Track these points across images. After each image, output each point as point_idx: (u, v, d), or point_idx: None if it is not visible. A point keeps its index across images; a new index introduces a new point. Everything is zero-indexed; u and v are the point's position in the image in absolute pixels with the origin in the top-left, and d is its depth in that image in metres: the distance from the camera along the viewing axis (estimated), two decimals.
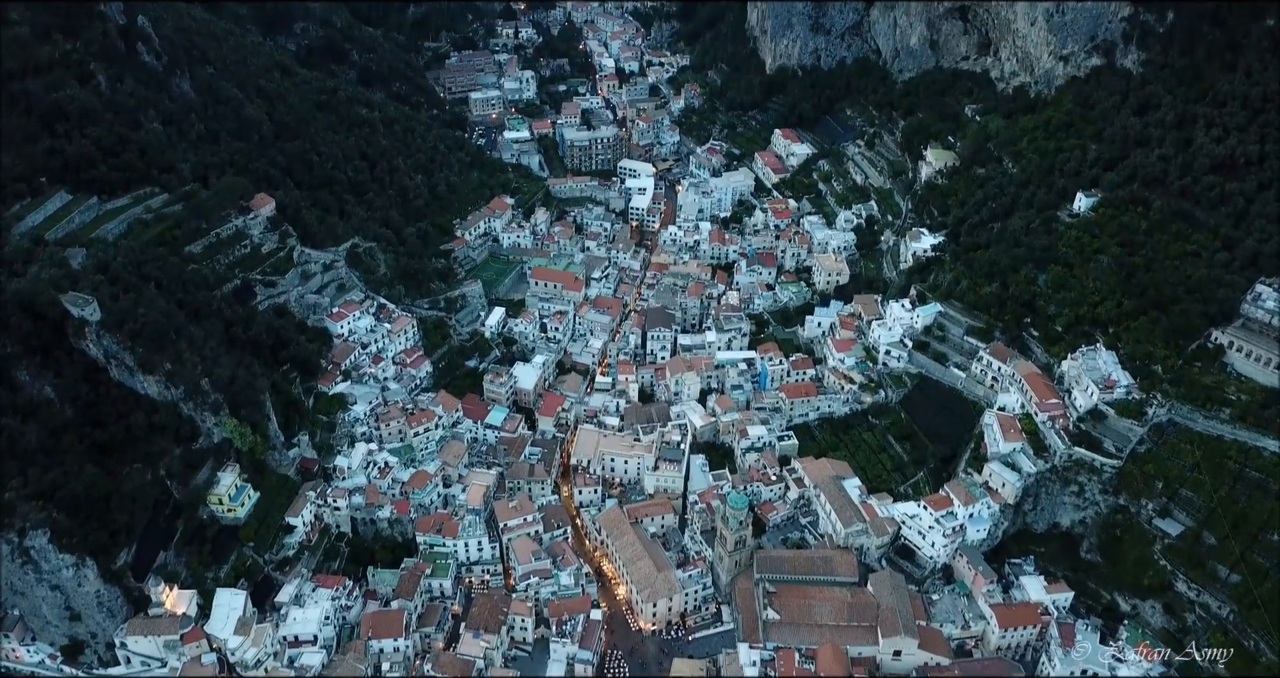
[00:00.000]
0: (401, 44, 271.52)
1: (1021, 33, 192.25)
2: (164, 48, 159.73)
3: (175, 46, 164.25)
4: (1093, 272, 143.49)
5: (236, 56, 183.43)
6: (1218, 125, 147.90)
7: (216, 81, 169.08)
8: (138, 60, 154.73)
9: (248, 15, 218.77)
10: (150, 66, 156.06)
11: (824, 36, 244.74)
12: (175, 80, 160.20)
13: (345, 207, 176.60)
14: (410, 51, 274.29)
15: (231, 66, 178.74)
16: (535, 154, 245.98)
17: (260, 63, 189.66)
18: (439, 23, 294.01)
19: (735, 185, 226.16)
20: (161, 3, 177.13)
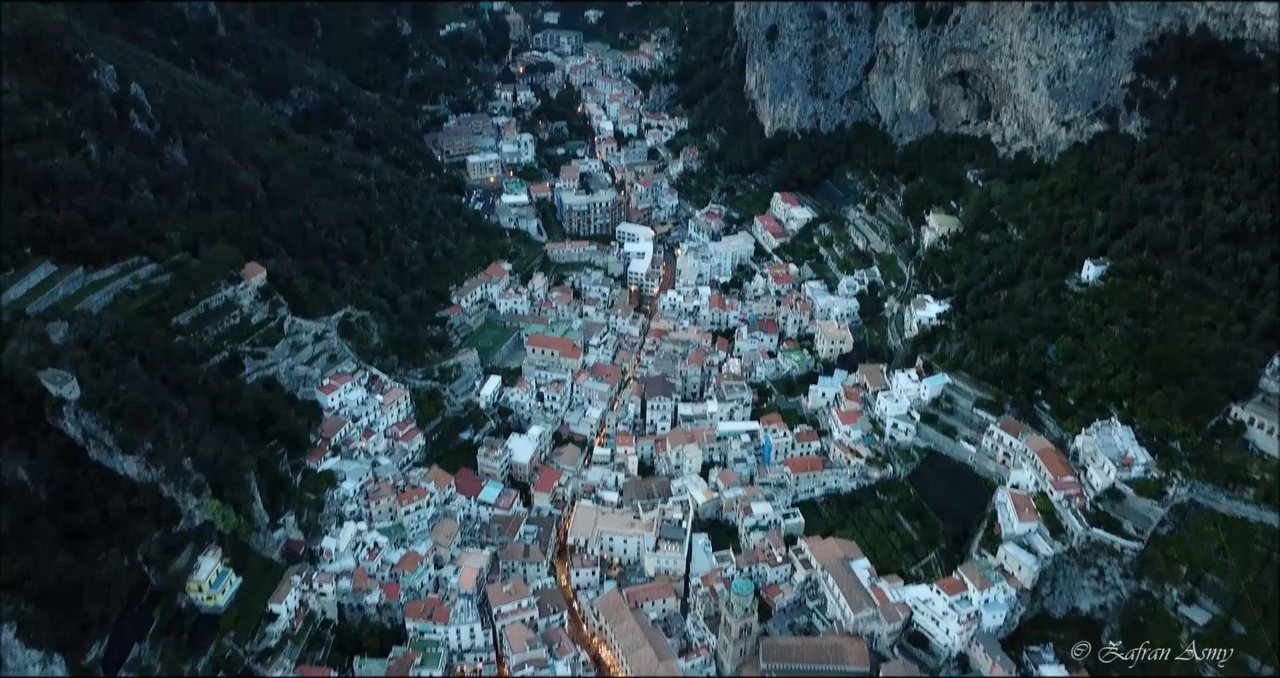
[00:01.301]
0: (399, 108, 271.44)
1: (1022, 98, 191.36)
2: (157, 115, 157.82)
3: (169, 114, 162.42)
4: (1104, 343, 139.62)
5: (231, 123, 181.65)
6: (1227, 193, 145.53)
7: (210, 148, 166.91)
8: (130, 128, 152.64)
9: (245, 81, 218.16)
10: (143, 134, 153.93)
11: (823, 100, 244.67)
12: (168, 148, 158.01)
13: (339, 274, 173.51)
14: (408, 115, 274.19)
15: (226, 133, 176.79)
16: (533, 218, 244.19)
17: (256, 129, 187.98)
18: (437, 86, 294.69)
19: (735, 250, 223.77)
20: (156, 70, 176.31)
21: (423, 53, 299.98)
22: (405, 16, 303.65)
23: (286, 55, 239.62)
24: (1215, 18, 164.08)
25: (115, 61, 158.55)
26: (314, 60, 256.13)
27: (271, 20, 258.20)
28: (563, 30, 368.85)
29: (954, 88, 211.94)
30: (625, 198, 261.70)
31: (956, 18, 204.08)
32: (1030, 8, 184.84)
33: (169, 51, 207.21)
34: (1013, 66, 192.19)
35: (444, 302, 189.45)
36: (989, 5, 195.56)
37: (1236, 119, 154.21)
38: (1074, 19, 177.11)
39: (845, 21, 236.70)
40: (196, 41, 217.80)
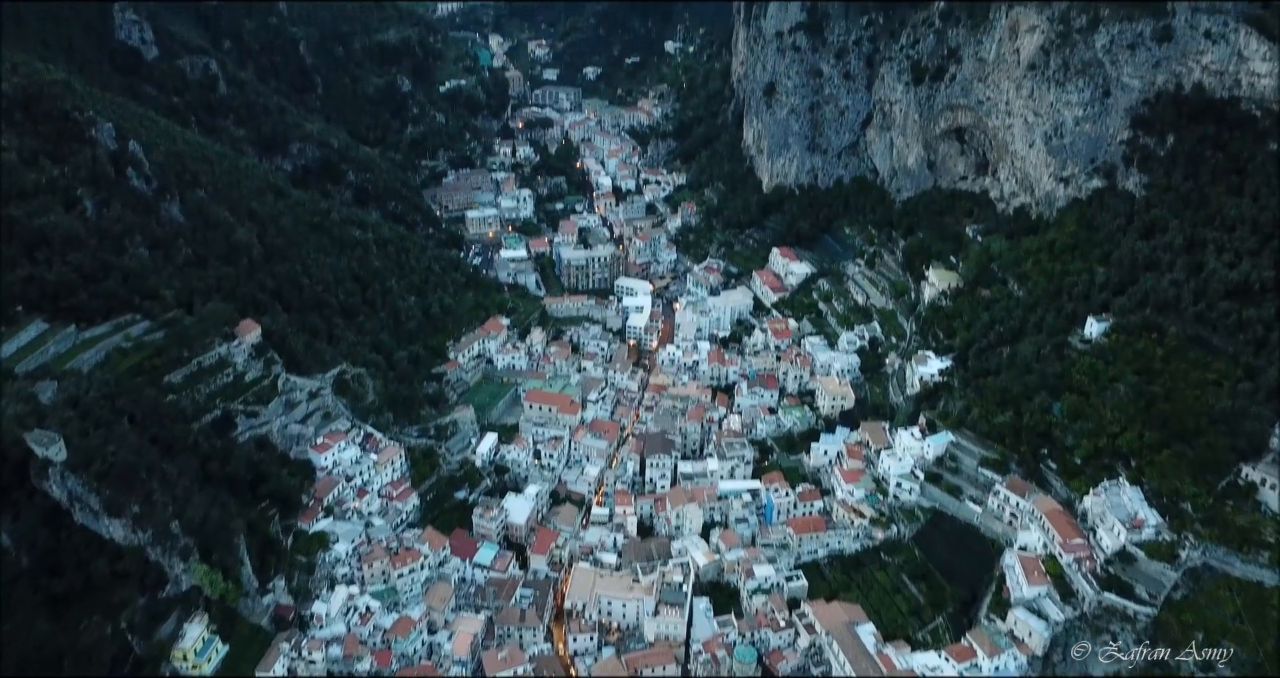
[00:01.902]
0: (399, 163, 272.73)
1: (1020, 155, 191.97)
2: (155, 172, 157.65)
3: (167, 170, 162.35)
4: (1110, 401, 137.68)
5: (230, 179, 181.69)
6: (1229, 250, 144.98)
7: (207, 205, 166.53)
8: (127, 185, 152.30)
9: (245, 137, 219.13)
10: (139, 191, 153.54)
11: (820, 156, 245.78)
12: (165, 204, 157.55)
13: (334, 330, 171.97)
14: (407, 170, 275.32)
15: (224, 189, 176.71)
16: (532, 273, 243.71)
17: (254, 185, 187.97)
18: (437, 142, 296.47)
19: (734, 304, 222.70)
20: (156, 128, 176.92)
21: (422, 109, 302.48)
22: (405, 73, 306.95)
23: (286, 112, 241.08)
24: (1210, 76, 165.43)
25: (114, 119, 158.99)
26: (314, 116, 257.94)
27: (273, 77, 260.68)
28: (561, 87, 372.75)
29: (951, 144, 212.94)
30: (624, 252, 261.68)
31: (952, 75, 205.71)
32: (1026, 66, 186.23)
33: (170, 109, 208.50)
34: (1009, 123, 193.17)
35: (441, 357, 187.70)
36: (985, 63, 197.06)
37: (1235, 176, 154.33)
38: (1069, 77, 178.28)
39: (842, 79, 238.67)
40: (197, 99, 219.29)
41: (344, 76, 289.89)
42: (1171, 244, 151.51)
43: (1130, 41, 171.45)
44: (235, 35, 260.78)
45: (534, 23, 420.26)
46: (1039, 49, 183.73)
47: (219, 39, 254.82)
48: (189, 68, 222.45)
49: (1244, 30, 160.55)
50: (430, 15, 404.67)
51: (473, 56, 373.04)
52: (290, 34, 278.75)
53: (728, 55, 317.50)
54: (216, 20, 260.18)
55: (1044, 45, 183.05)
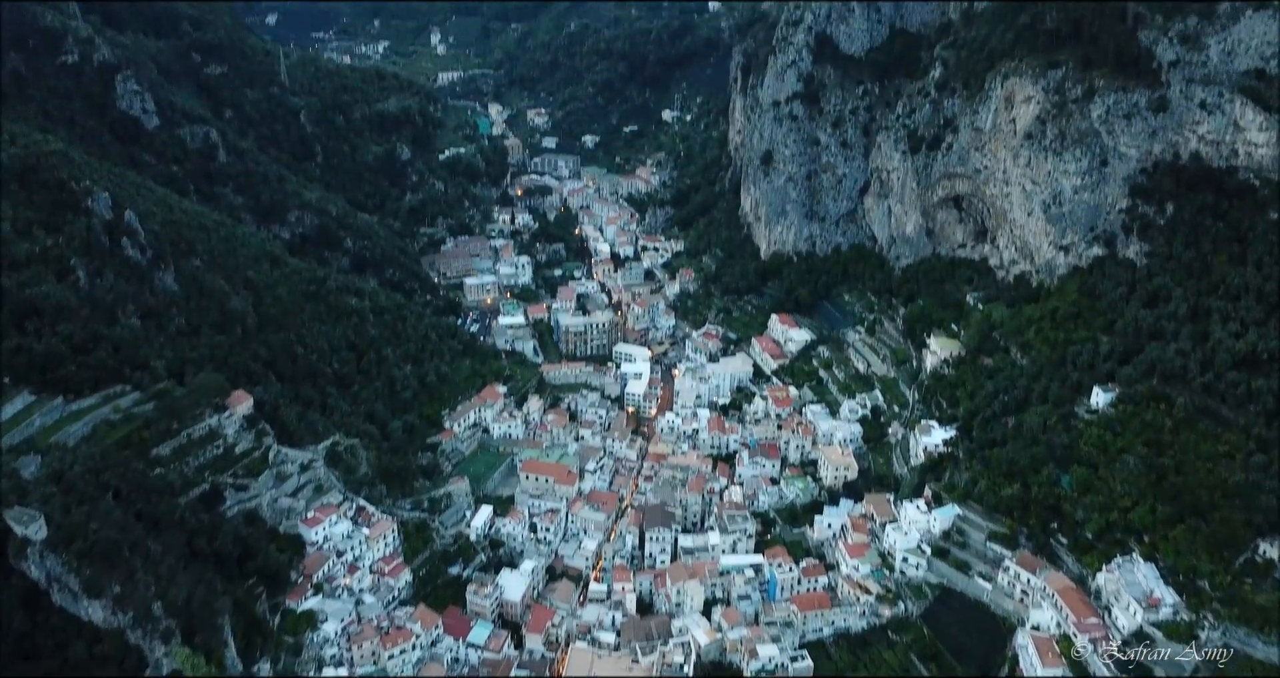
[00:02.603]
0: (397, 231, 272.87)
1: (1018, 223, 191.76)
2: (150, 241, 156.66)
3: (162, 240, 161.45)
4: (1120, 474, 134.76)
5: (226, 248, 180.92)
6: (1234, 320, 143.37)
7: (202, 274, 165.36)
8: (121, 254, 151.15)
9: (243, 206, 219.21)
10: (133, 260, 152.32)
11: (819, 223, 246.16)
12: (159, 274, 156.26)
13: (328, 400, 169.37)
14: (406, 238, 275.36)
15: (220, 258, 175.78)
16: (530, 339, 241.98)
17: (250, 253, 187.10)
18: (436, 209, 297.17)
19: (733, 371, 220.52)
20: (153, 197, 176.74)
21: (421, 177, 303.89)
22: (405, 142, 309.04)
23: (286, 180, 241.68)
24: (1207, 146, 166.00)
25: (111, 188, 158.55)
26: (313, 185, 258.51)
27: (273, 146, 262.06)
28: (560, 155, 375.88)
29: (949, 211, 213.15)
30: (622, 318, 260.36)
31: (949, 145, 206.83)
32: (1023, 135, 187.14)
33: (169, 178, 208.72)
34: (1007, 192, 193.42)
35: (436, 427, 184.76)
36: (981, 133, 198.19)
37: (1237, 245, 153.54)
38: (1067, 146, 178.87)
39: (839, 147, 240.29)
40: (197, 168, 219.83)
41: (344, 145, 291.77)
42: (1176, 313, 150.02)
43: (1126, 112, 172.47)
44: (237, 105, 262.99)
45: (533, 92, 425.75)
46: (1035, 119, 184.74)
47: (220, 108, 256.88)
48: (189, 137, 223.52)
49: (1239, 101, 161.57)
50: (430, 85, 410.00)
51: (472, 125, 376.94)
52: (291, 104, 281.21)
53: (725, 124, 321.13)
54: (218, 90, 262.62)
55: (1040, 115, 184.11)
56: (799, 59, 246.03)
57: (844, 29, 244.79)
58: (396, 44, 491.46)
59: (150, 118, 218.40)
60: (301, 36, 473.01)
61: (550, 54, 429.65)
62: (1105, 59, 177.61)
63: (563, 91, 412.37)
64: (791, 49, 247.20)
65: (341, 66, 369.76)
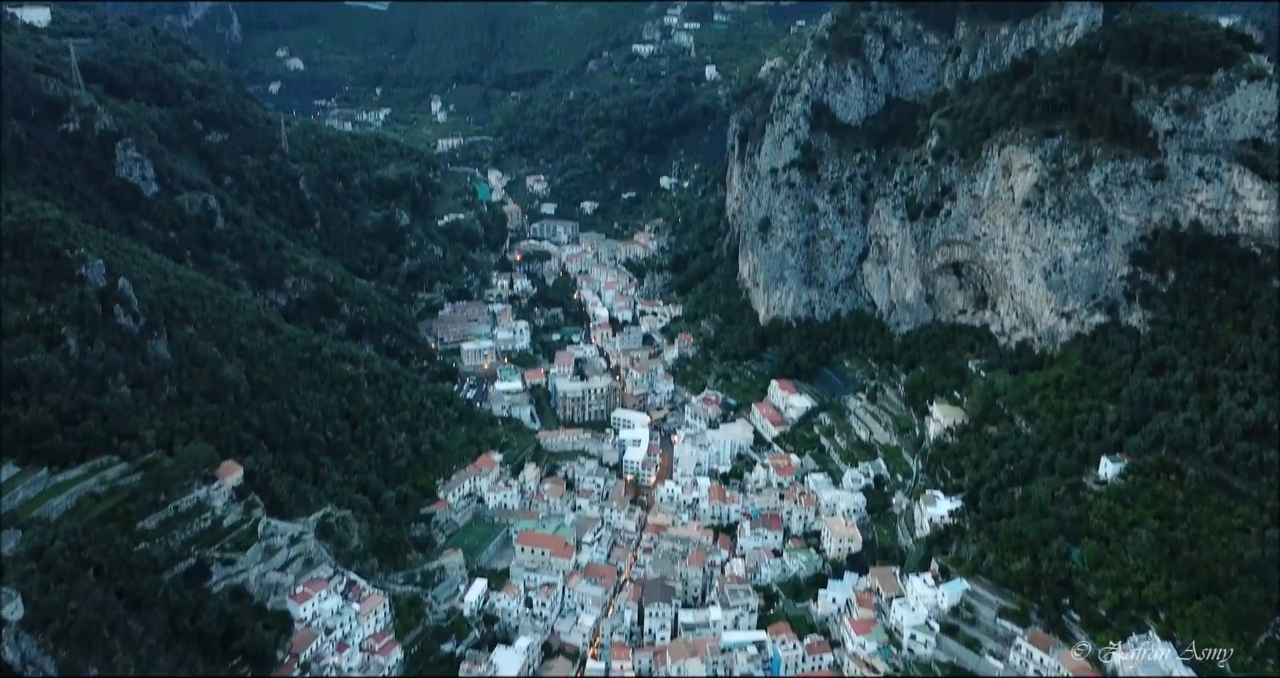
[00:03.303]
0: (395, 296, 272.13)
1: (1019, 289, 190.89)
2: (143, 309, 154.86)
3: (155, 307, 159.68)
4: (1132, 547, 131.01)
5: (220, 315, 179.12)
6: (1242, 389, 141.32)
7: (195, 342, 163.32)
8: (113, 322, 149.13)
9: (240, 272, 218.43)
10: (126, 328, 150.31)
11: (817, 289, 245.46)
12: (151, 342, 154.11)
13: (321, 470, 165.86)
14: (403, 303, 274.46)
15: (213, 325, 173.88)
16: (527, 405, 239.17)
17: (245, 320, 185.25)
18: (434, 275, 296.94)
19: (734, 438, 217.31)
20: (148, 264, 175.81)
21: (420, 242, 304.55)
22: (404, 208, 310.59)
23: (283, 246, 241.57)
24: (1207, 213, 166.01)
25: (105, 256, 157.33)
26: (311, 250, 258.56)
27: (271, 212, 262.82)
28: (559, 220, 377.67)
29: (949, 278, 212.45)
30: (620, 383, 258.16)
31: (947, 212, 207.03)
32: (1021, 203, 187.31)
33: (166, 244, 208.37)
34: (1007, 259, 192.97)
35: (430, 497, 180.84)
36: (979, 200, 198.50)
37: (1241, 313, 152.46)
38: (1066, 214, 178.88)
39: (837, 214, 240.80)
40: (194, 234, 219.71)
41: (343, 211, 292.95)
42: (1182, 382, 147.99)
43: (1124, 180, 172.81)
44: (236, 172, 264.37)
45: (532, 159, 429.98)
46: (1033, 186, 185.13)
47: (220, 175, 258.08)
48: (188, 203, 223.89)
49: (1237, 169, 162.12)
50: (430, 152, 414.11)
51: (472, 191, 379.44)
52: (291, 171, 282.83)
53: (722, 190, 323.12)
54: (219, 157, 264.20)
55: (1038, 183, 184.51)
56: (796, 127, 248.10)
57: (840, 98, 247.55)
58: (398, 111, 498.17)
59: (149, 184, 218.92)
60: (304, 104, 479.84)
61: (549, 122, 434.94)
62: (1101, 128, 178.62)
63: (562, 158, 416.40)
64: (788, 117, 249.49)
65: (342, 134, 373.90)
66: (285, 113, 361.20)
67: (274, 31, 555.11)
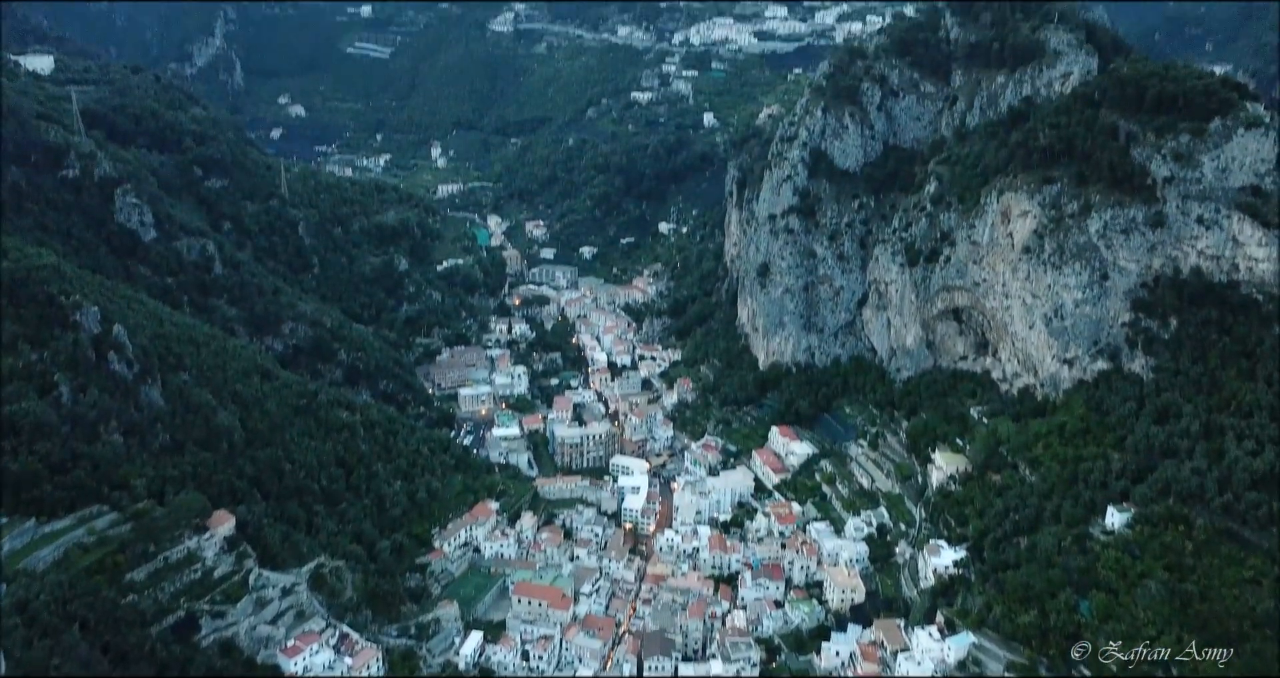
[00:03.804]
0: (392, 341, 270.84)
1: (1020, 336, 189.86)
2: (137, 355, 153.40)
3: (150, 354, 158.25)
4: (1142, 600, 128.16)
5: (216, 361, 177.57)
6: (1249, 437, 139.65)
7: (189, 388, 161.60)
8: (107, 369, 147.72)
9: (236, 317, 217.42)
10: (119, 375, 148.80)
11: (817, 335, 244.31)
12: (145, 388, 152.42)
13: (315, 519, 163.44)
14: (401, 348, 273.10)
15: (208, 372, 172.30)
16: (524, 452, 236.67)
17: (240, 366, 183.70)
18: (432, 320, 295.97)
19: (734, 485, 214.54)
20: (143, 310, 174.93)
21: (419, 288, 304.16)
22: (403, 253, 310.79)
23: (280, 292, 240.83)
24: (1207, 260, 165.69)
25: (100, 302, 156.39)
26: (309, 296, 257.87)
27: (270, 258, 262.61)
28: (558, 265, 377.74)
29: (949, 324, 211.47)
30: (619, 429, 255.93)
31: (947, 258, 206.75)
32: (1021, 249, 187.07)
33: (163, 290, 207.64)
34: (1008, 305, 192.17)
35: (426, 546, 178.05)
36: (979, 246, 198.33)
37: (1245, 360, 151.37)
38: (1066, 260, 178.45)
39: (836, 260, 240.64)
40: (191, 280, 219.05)
41: (341, 257, 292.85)
42: (1188, 430, 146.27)
43: (1124, 226, 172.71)
44: (235, 217, 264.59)
45: (532, 204, 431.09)
46: (1033, 233, 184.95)
47: (219, 221, 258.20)
48: (186, 249, 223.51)
49: (1236, 216, 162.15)
50: (430, 197, 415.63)
51: (471, 237, 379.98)
52: (290, 216, 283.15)
53: (720, 236, 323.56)
54: (218, 203, 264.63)
55: (1037, 229, 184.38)
56: (794, 173, 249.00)
57: (838, 145, 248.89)
58: (398, 157, 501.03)
59: (148, 230, 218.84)
60: (305, 150, 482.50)
61: (549, 168, 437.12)
62: (1100, 175, 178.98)
63: (561, 204, 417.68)
64: (786, 164, 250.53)
65: (342, 179, 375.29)
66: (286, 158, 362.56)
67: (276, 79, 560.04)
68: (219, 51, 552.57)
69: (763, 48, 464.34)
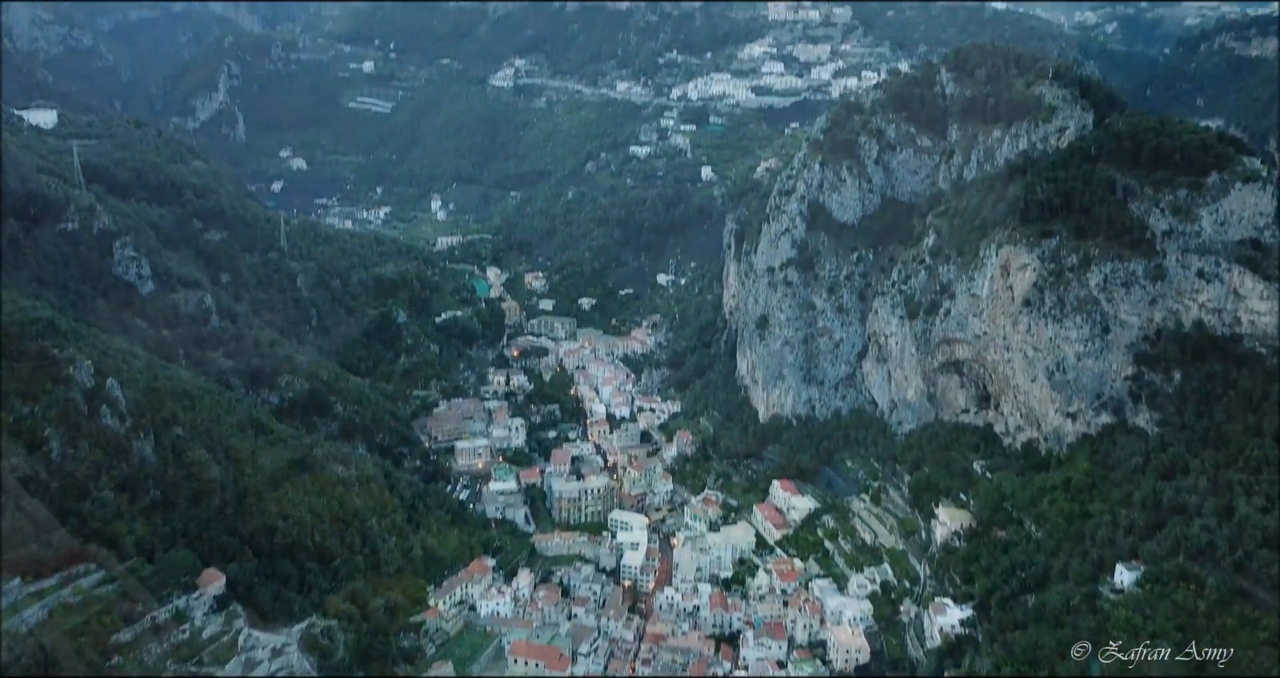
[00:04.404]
0: (389, 394, 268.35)
1: (1022, 389, 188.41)
2: (130, 410, 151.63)
3: (143, 408, 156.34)
4: (1155, 663, 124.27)
5: (210, 415, 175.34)
6: (1258, 493, 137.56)
7: (182, 443, 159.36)
8: (99, 424, 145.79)
9: (232, 370, 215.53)
10: (111, 430, 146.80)
11: (817, 387, 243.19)
12: (137, 443, 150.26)
13: (307, 577, 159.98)
14: (398, 400, 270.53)
15: (202, 426, 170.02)
16: (521, 507, 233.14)
17: (234, 420, 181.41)
18: (430, 372, 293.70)
19: (735, 541, 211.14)
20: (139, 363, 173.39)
21: (417, 339, 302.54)
22: (401, 305, 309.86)
23: (277, 344, 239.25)
24: (1209, 313, 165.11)
25: (94, 356, 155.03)
26: (306, 348, 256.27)
27: (267, 310, 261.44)
28: (557, 317, 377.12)
29: (950, 376, 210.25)
30: (618, 483, 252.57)
31: (947, 310, 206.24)
32: (1021, 302, 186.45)
33: (159, 342, 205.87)
34: (1009, 358, 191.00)
35: (420, 604, 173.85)
36: (979, 299, 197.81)
37: (1251, 414, 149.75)
38: (1067, 313, 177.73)
39: (835, 312, 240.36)
40: (188, 333, 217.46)
41: (339, 309, 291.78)
42: (1196, 486, 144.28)
43: (1124, 280, 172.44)
44: (234, 270, 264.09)
45: (531, 256, 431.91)
46: (1033, 286, 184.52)
47: (217, 273, 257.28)
48: (183, 302, 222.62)
49: (1237, 269, 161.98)
50: (429, 249, 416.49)
51: (470, 288, 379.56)
52: (288, 268, 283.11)
53: (719, 288, 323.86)
54: (216, 255, 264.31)
55: (1037, 282, 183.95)
56: (792, 226, 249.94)
57: (836, 198, 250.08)
58: (398, 210, 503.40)
59: (145, 283, 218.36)
60: (305, 202, 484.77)
61: (548, 220, 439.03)
62: (1099, 229, 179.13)
63: (560, 256, 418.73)
64: (785, 217, 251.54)
65: (341, 232, 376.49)
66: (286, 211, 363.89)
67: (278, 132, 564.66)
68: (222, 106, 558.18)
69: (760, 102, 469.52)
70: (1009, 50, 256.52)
